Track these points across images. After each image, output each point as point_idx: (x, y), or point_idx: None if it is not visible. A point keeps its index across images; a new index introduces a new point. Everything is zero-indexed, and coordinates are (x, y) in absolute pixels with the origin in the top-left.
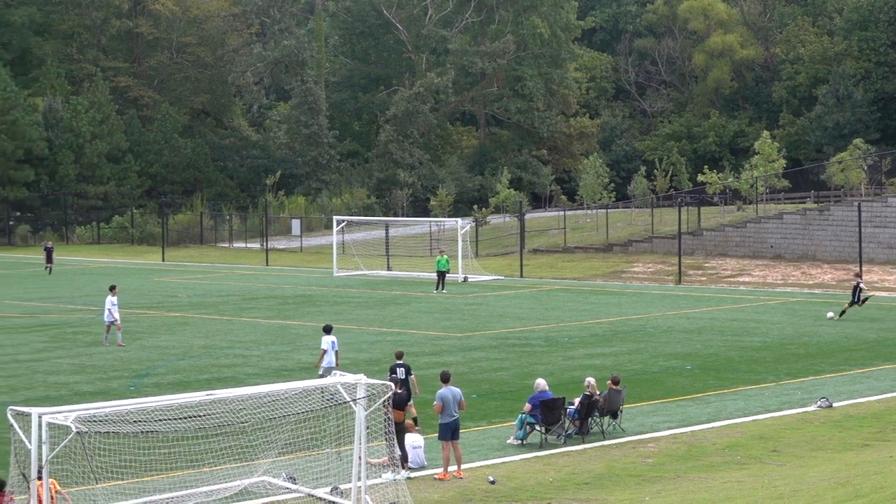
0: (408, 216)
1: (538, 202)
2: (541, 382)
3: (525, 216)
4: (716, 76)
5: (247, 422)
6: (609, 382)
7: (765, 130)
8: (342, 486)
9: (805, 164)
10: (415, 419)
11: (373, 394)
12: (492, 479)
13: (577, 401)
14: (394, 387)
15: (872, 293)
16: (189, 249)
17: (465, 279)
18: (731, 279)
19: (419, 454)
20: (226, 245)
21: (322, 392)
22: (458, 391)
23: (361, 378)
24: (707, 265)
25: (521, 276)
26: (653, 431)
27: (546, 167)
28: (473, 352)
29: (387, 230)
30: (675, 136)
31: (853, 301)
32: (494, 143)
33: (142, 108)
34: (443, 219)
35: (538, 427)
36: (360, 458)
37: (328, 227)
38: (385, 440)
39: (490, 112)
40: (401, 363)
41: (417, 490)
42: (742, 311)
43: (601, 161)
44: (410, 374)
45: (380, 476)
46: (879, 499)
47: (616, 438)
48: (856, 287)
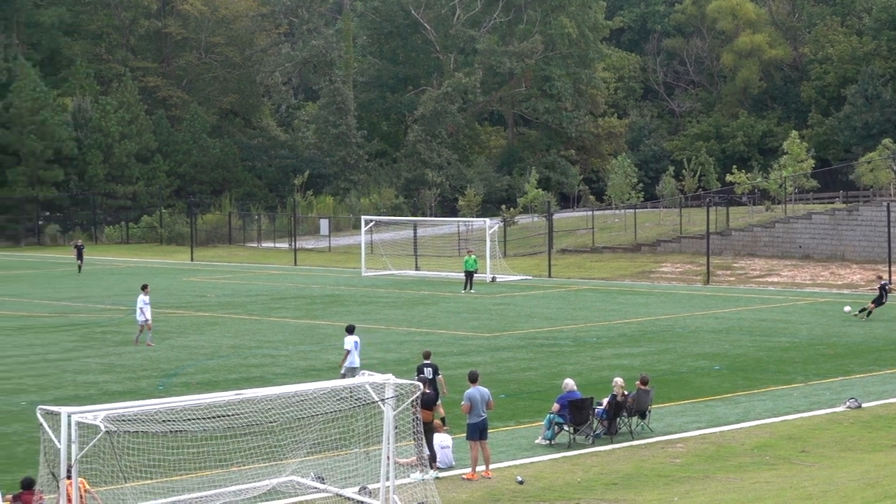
0: (436, 216)
1: (566, 202)
2: (569, 382)
3: (553, 216)
4: (744, 76)
5: (275, 421)
6: (638, 383)
7: (793, 130)
8: (370, 486)
9: (834, 164)
10: (443, 419)
11: (401, 394)
12: (520, 479)
13: (606, 401)
14: (422, 387)
15: None
16: (218, 249)
17: (493, 279)
18: (760, 279)
19: (447, 454)
20: (254, 245)
21: (350, 392)
22: (486, 391)
23: (390, 378)
24: (735, 265)
25: (550, 276)
26: (681, 432)
27: (574, 167)
28: (501, 352)
29: (415, 230)
30: (704, 136)
31: (880, 301)
32: (522, 143)
33: (170, 108)
34: (471, 219)
35: (566, 427)
36: (389, 458)
37: (356, 227)
38: (413, 440)
39: (518, 112)
40: (428, 363)
41: (446, 490)
42: (771, 312)
43: (629, 161)
44: (438, 374)
45: (408, 476)
46: None
47: (644, 439)
48: (882, 287)
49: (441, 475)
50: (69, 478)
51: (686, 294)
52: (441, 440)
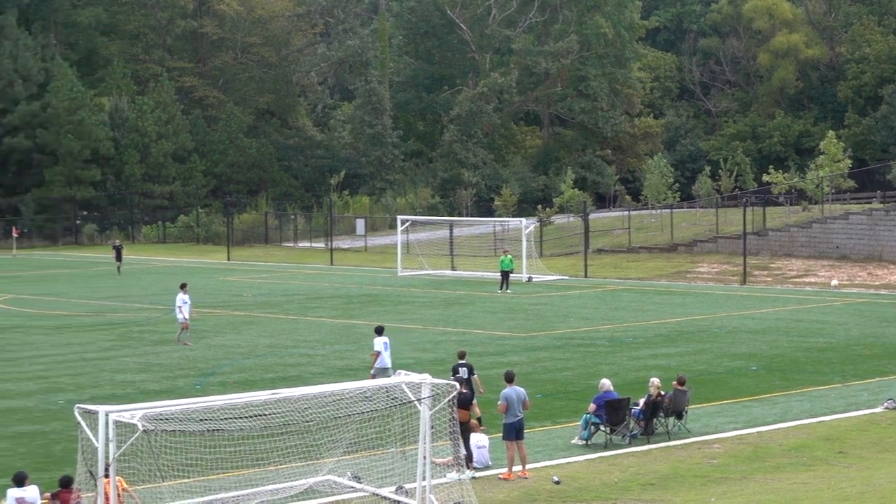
0: (472, 216)
1: (602, 202)
2: (605, 383)
3: (589, 216)
4: (781, 76)
5: (312, 421)
6: (675, 383)
7: (830, 130)
8: (407, 486)
9: (871, 164)
10: (479, 419)
11: (437, 393)
12: (556, 480)
13: (642, 401)
14: (458, 386)
15: None
16: (254, 249)
17: (530, 279)
18: (797, 279)
19: (484, 454)
20: (291, 245)
21: (387, 391)
22: (523, 391)
23: (426, 377)
24: (772, 265)
25: (586, 276)
26: (718, 432)
27: (610, 167)
28: (538, 352)
29: (451, 230)
30: (740, 136)
31: None
32: (558, 143)
33: (207, 108)
34: (507, 219)
35: (603, 427)
36: (425, 458)
37: (392, 227)
38: (450, 440)
39: (554, 112)
40: (464, 363)
41: (482, 490)
42: (808, 312)
43: (665, 161)
44: (473, 374)
45: (444, 476)
46: None
47: (681, 439)
48: None
49: (477, 475)
50: (107, 476)
51: (723, 294)
52: (477, 440)
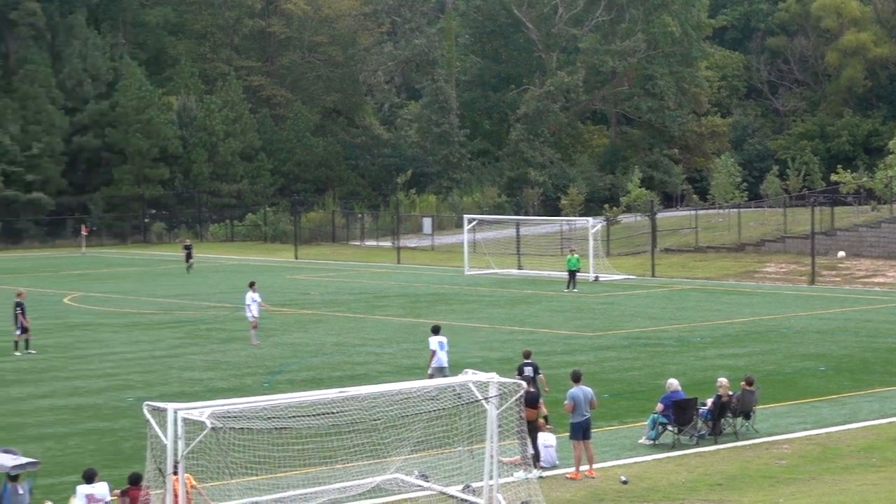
0: (538, 215)
1: (669, 201)
2: (673, 382)
3: (656, 215)
4: (849, 75)
5: (379, 419)
6: (743, 383)
7: None
8: (474, 485)
9: None
10: (545, 417)
11: (504, 392)
12: (624, 479)
13: (710, 401)
14: (526, 385)
15: None
16: (321, 247)
17: (597, 278)
18: (866, 280)
19: (551, 453)
20: (357, 243)
21: (454, 390)
22: (590, 390)
23: (493, 376)
24: (841, 265)
25: (653, 276)
26: (787, 433)
27: (677, 166)
28: (605, 351)
29: (517, 229)
30: (808, 136)
31: None
32: (625, 142)
33: (274, 107)
34: (573, 218)
35: (670, 427)
36: (492, 457)
37: (459, 226)
38: (518, 439)
39: (621, 111)
40: (529, 362)
41: (549, 489)
42: (877, 312)
43: (733, 160)
44: (539, 373)
45: (511, 475)
46: None
47: (749, 439)
48: None
49: (544, 474)
50: (175, 473)
51: (791, 294)
52: (545, 439)
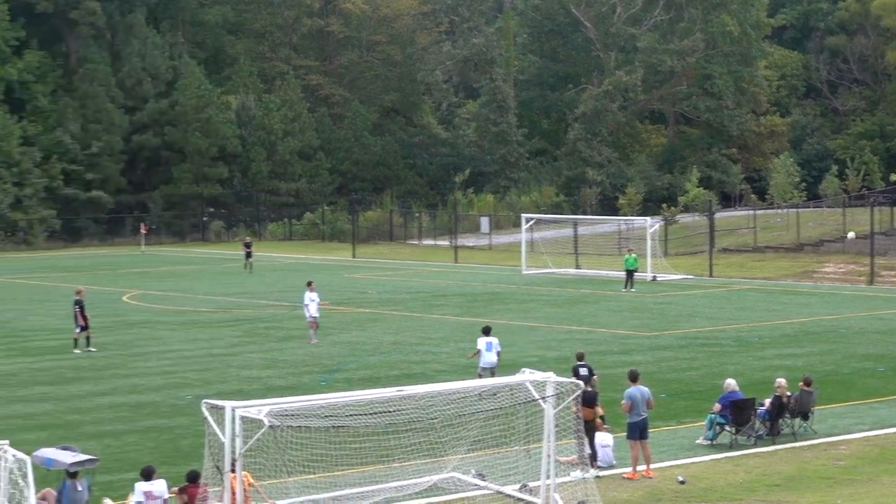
0: (596, 214)
1: (728, 201)
2: (731, 382)
3: (714, 215)
4: None
5: (436, 418)
6: (801, 384)
7: None
8: (531, 484)
9: None
10: (602, 417)
11: (561, 392)
12: (681, 479)
13: (768, 401)
14: (583, 385)
15: None
16: (379, 246)
17: (654, 278)
18: None
19: (608, 453)
20: (415, 242)
21: (511, 390)
22: (647, 390)
23: (550, 376)
24: None
25: (711, 276)
26: (845, 433)
27: (736, 166)
28: (662, 351)
29: (575, 228)
30: (868, 135)
31: None
32: (683, 142)
33: (332, 106)
34: (631, 217)
35: (728, 427)
36: (549, 456)
37: (517, 225)
38: (575, 438)
39: (679, 110)
40: (583, 363)
41: (606, 489)
42: None
43: (792, 160)
44: (593, 375)
45: (569, 474)
46: None
47: (807, 440)
48: None
49: (601, 474)
50: (233, 471)
51: (850, 294)
52: (602, 439)
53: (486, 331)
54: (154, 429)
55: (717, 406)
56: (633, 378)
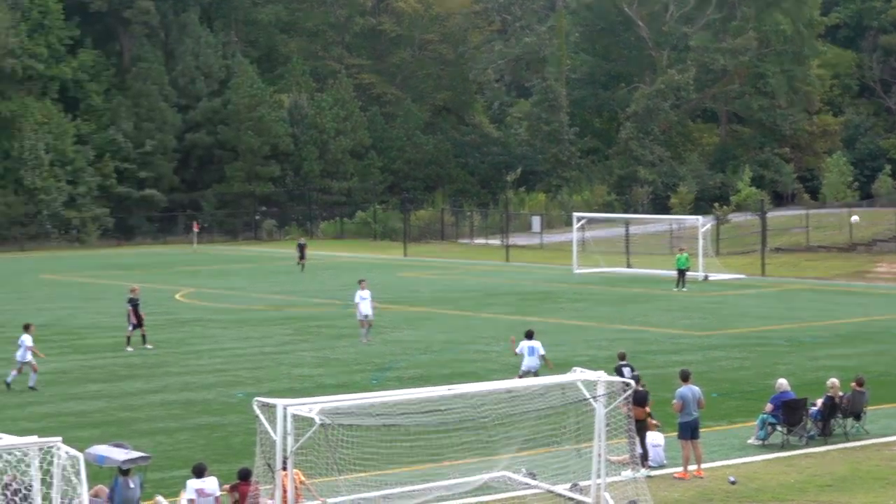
0: (648, 213)
1: (780, 200)
2: (783, 382)
3: (767, 214)
4: None
5: (487, 417)
6: (853, 384)
7: None
8: (582, 483)
9: None
10: (649, 414)
11: (612, 391)
12: (732, 480)
13: (820, 402)
14: (634, 384)
15: None
16: (430, 245)
17: (706, 277)
18: None
19: (659, 452)
20: (467, 241)
21: (562, 389)
22: (698, 390)
23: (601, 375)
24: None
25: (763, 275)
26: None
27: (788, 165)
28: (713, 350)
29: (627, 227)
30: None
31: None
32: (736, 141)
33: (384, 105)
34: (683, 216)
35: (780, 427)
36: (600, 456)
37: (568, 224)
38: (626, 438)
39: (731, 109)
40: (625, 363)
41: (657, 489)
42: None
43: (845, 159)
44: (635, 373)
45: (619, 474)
46: None
47: (860, 440)
48: None
49: (652, 474)
50: (285, 469)
51: None
52: (653, 438)
53: (529, 335)
54: (206, 426)
55: (769, 406)
56: (685, 377)
